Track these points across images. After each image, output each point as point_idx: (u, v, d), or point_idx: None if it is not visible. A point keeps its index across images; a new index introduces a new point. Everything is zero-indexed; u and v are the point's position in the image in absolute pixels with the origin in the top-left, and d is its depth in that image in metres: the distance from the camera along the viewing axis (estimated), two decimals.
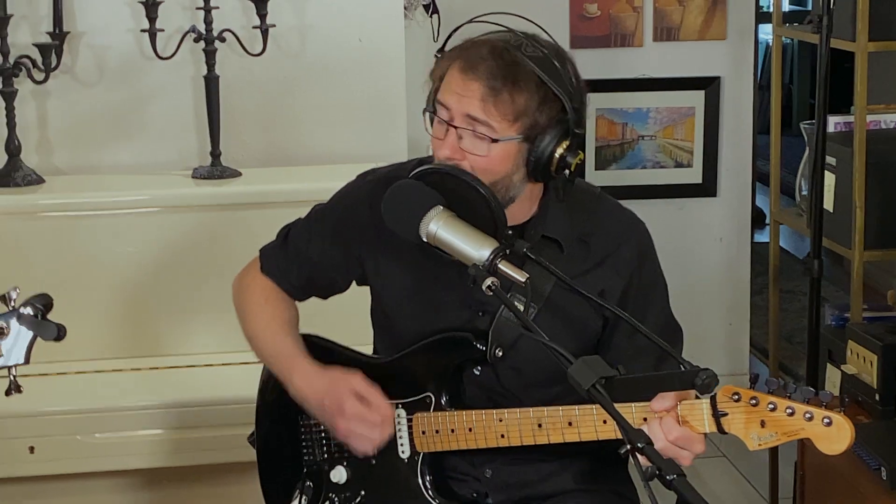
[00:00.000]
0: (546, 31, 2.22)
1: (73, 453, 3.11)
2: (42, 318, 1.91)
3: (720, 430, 2.01)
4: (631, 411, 2.06)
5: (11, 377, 1.92)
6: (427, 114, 2.20)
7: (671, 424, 2.01)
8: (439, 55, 2.21)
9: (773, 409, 1.96)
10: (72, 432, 3.11)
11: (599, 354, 2.08)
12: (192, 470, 3.20)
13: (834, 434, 1.94)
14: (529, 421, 2.16)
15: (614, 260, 2.27)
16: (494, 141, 2.11)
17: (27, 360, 1.92)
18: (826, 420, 1.94)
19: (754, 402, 1.98)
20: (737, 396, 1.99)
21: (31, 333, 1.91)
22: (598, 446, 2.14)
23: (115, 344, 3.36)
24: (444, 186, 2.11)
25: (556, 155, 2.13)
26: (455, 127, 2.13)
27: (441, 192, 2.11)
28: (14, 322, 1.90)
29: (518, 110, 2.11)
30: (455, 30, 2.23)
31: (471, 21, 2.21)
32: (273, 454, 2.45)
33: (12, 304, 1.92)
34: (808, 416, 1.95)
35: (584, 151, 2.19)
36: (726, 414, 1.99)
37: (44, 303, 1.93)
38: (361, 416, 2.22)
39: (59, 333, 1.90)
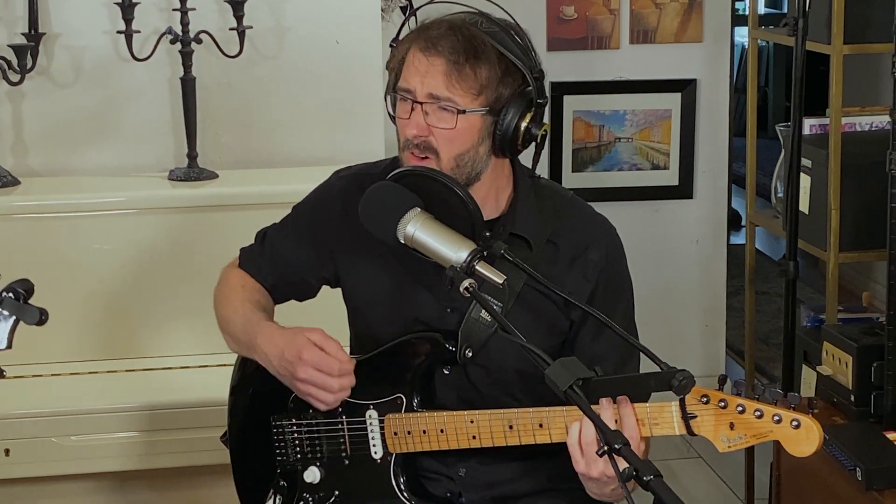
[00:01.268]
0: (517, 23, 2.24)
1: (48, 456, 3.10)
2: (24, 302, 1.91)
3: (689, 432, 2.02)
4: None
5: None
6: (390, 97, 2.22)
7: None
8: (394, 45, 2.24)
9: (741, 412, 1.98)
10: (47, 434, 3.09)
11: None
12: (168, 472, 3.19)
13: (803, 436, 1.95)
14: (500, 422, 2.17)
15: (582, 263, 2.27)
16: (461, 112, 2.14)
17: (9, 345, 1.92)
18: (794, 423, 1.95)
19: (723, 404, 1.99)
20: (705, 399, 2.00)
21: (13, 318, 1.91)
22: None
23: (91, 346, 3.34)
24: (421, 188, 2.12)
25: (522, 127, 2.17)
26: (420, 103, 2.15)
27: (418, 193, 2.12)
28: None
29: (481, 84, 2.14)
30: (411, 14, 2.25)
31: (425, 3, 2.23)
32: (246, 455, 2.45)
33: None
34: (776, 418, 1.96)
35: (547, 124, 2.23)
36: (695, 416, 2.00)
37: (25, 287, 1.93)
38: (319, 363, 2.19)
39: (42, 317, 1.90)
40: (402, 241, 2.10)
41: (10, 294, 1.91)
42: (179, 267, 3.34)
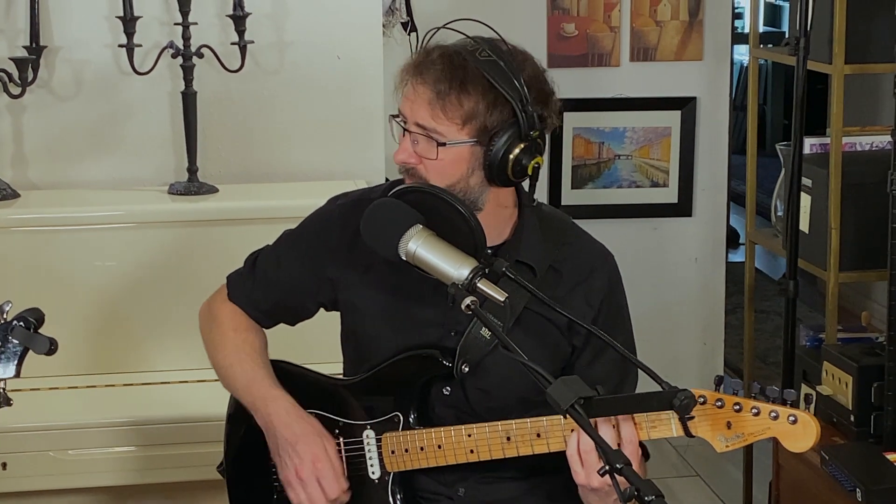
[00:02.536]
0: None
1: (46, 470, 3.09)
2: (34, 331, 1.92)
3: (687, 433, 2.02)
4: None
5: (0, 390, 1.93)
6: (393, 122, 2.22)
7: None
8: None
9: (738, 410, 1.98)
10: (45, 449, 3.09)
11: None
12: (165, 487, 3.18)
13: (800, 431, 1.96)
14: (498, 434, 2.16)
15: (586, 288, 2.27)
16: (441, 145, 2.12)
17: (18, 374, 1.93)
18: (791, 418, 1.96)
19: (720, 404, 2.00)
20: (702, 399, 2.01)
21: (22, 347, 1.92)
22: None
23: (89, 360, 3.34)
24: (423, 205, 2.12)
25: (511, 157, 2.13)
26: (409, 132, 2.15)
27: (420, 210, 2.11)
28: (6, 335, 1.91)
29: (466, 114, 2.12)
30: (424, 36, 2.24)
31: (440, 28, 2.20)
32: (243, 482, 2.44)
33: (4, 317, 1.92)
34: (773, 415, 1.96)
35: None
36: (693, 417, 2.01)
37: (35, 317, 1.95)
38: (326, 482, 2.22)
39: (51, 347, 1.92)
40: (404, 258, 2.09)
41: (21, 323, 1.91)
42: (179, 281, 3.33)
